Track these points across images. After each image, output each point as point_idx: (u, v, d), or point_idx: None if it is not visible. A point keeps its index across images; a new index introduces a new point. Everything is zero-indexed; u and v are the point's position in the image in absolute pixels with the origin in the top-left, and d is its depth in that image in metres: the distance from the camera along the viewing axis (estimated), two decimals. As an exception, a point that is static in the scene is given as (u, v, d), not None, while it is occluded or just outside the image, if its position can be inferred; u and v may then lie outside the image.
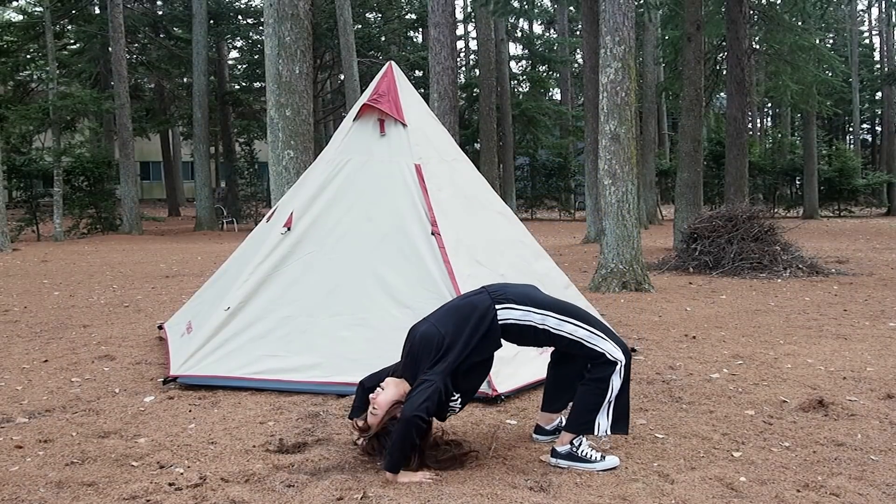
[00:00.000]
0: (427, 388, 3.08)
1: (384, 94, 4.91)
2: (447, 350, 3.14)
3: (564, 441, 3.29)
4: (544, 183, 31.22)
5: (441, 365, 3.12)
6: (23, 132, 21.10)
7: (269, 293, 4.65)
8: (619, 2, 8.63)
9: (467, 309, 3.25)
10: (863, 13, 41.36)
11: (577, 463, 3.24)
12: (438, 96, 11.71)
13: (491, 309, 3.23)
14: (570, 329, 3.26)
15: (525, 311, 3.25)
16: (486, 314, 3.22)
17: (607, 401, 3.24)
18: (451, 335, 3.17)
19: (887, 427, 3.78)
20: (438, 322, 3.24)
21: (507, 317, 3.24)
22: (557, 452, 3.29)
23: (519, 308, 3.26)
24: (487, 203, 5.23)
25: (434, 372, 3.11)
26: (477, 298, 3.30)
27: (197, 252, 15.10)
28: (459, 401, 3.27)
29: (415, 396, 3.08)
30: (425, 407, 3.04)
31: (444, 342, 3.15)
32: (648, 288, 8.79)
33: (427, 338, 3.19)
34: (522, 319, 3.25)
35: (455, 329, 3.19)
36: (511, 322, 3.24)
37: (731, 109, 15.24)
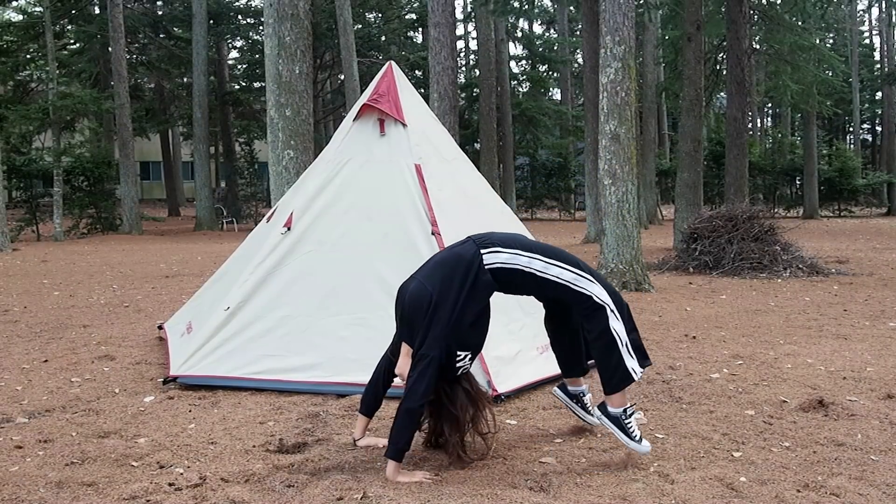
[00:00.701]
0: (421, 367, 3.05)
1: (384, 94, 4.91)
2: (437, 307, 3.08)
3: (614, 403, 3.26)
4: (544, 183, 31.23)
5: (434, 329, 3.07)
6: (23, 132, 21.10)
7: (269, 293, 4.65)
8: (619, 2, 8.64)
9: (453, 260, 3.18)
10: (863, 13, 41.37)
11: (619, 432, 3.25)
12: (438, 96, 11.71)
13: (476, 255, 3.16)
14: (557, 272, 3.20)
15: (512, 254, 3.19)
16: (472, 262, 3.14)
17: (622, 345, 3.21)
18: (438, 291, 3.10)
19: (887, 427, 3.78)
20: (426, 278, 3.17)
21: (493, 260, 3.17)
22: (608, 411, 3.27)
23: (505, 251, 3.19)
24: (488, 203, 5.24)
25: (428, 341, 3.06)
26: (462, 248, 3.23)
27: (197, 252, 15.11)
28: (468, 357, 3.20)
29: (411, 382, 3.07)
30: (423, 392, 3.04)
31: (433, 299, 3.09)
32: (648, 288, 8.79)
33: (416, 297, 3.13)
34: (510, 262, 3.18)
35: (442, 284, 3.11)
36: (498, 266, 3.17)
37: (731, 109, 15.24)
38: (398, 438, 3.07)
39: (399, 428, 3.07)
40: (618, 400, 3.28)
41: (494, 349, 4.31)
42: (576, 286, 3.21)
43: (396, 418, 3.09)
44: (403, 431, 3.07)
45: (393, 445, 3.07)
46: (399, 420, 3.08)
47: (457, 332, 3.12)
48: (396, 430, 3.07)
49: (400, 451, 3.08)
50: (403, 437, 3.08)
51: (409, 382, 3.09)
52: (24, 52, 23.52)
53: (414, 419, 3.08)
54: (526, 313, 4.70)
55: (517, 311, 4.69)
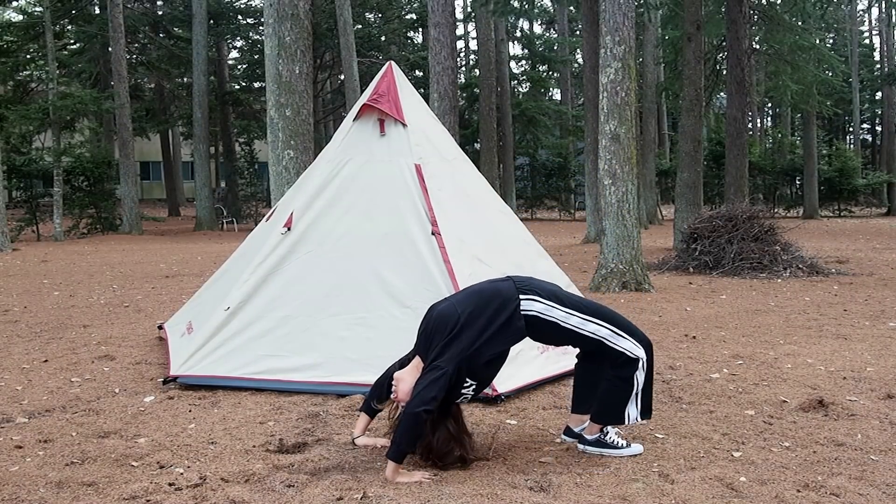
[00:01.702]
0: (434, 375, 3.06)
1: (384, 94, 4.91)
2: (461, 331, 3.09)
3: (593, 431, 3.37)
4: (544, 183, 31.23)
5: (454, 348, 3.08)
6: (23, 132, 21.10)
7: (269, 293, 4.65)
8: (619, 2, 8.63)
9: (490, 294, 3.21)
10: (863, 13, 41.36)
11: (605, 449, 3.34)
12: (438, 96, 11.71)
13: (515, 298, 3.19)
14: (594, 329, 3.25)
15: (549, 307, 3.21)
16: (508, 303, 3.17)
17: (634, 394, 3.30)
18: (467, 316, 3.12)
19: (887, 427, 3.78)
20: (458, 303, 3.20)
21: (530, 308, 3.19)
22: (586, 440, 3.38)
23: (543, 301, 3.22)
24: (488, 203, 5.24)
25: (445, 356, 3.07)
26: (502, 285, 3.25)
27: (197, 252, 15.10)
28: (473, 388, 3.22)
29: (422, 387, 3.07)
30: (432, 398, 3.04)
31: (460, 322, 3.10)
32: (648, 288, 8.79)
33: (444, 316, 3.15)
34: (545, 314, 3.21)
35: (473, 311, 3.13)
36: (534, 314, 3.20)
37: (731, 109, 15.24)
38: (402, 441, 3.06)
39: (404, 431, 3.06)
40: (596, 429, 3.39)
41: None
42: (610, 342, 3.27)
43: (402, 421, 3.08)
44: (408, 434, 3.06)
45: (396, 447, 3.07)
46: (405, 423, 3.06)
47: (473, 363, 3.14)
48: (401, 433, 3.06)
49: (402, 453, 3.07)
50: (407, 439, 3.07)
51: (419, 387, 3.09)
52: (24, 52, 23.52)
53: (420, 423, 3.07)
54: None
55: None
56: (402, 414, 3.11)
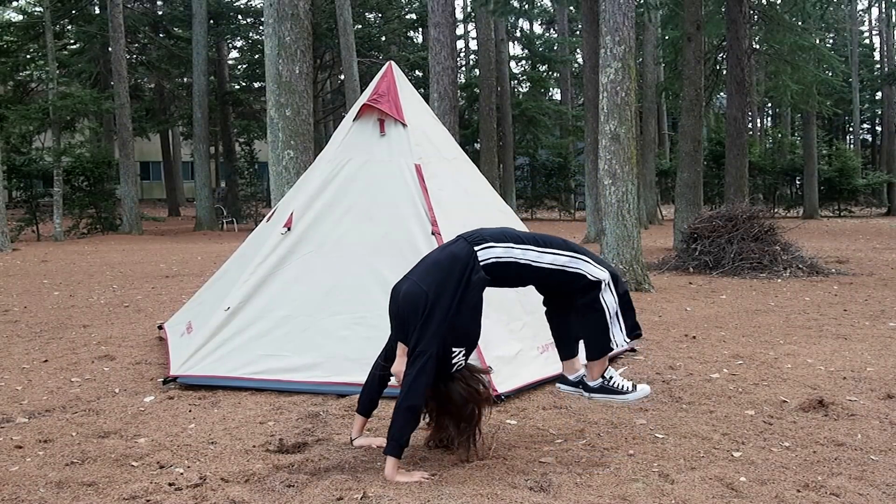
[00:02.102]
0: (420, 364, 3.05)
1: (384, 93, 4.91)
2: (433, 307, 3.07)
3: (594, 374, 3.32)
4: (544, 183, 31.22)
5: (431, 326, 3.06)
6: (23, 132, 21.09)
7: (269, 293, 4.65)
8: (619, 2, 8.63)
9: (447, 260, 3.18)
10: (863, 13, 41.36)
11: (610, 395, 3.29)
12: (438, 96, 11.70)
13: (471, 253, 3.17)
14: (550, 259, 3.22)
15: (506, 248, 3.20)
16: (467, 261, 3.15)
17: (610, 317, 3.24)
18: (434, 291, 3.10)
19: (887, 427, 3.78)
20: (420, 279, 3.17)
21: (487, 256, 3.18)
22: (590, 388, 3.32)
23: (498, 245, 3.20)
24: (488, 202, 5.24)
25: (426, 338, 3.06)
26: (455, 247, 3.23)
27: (197, 252, 15.11)
28: (462, 353, 3.22)
29: (410, 379, 3.07)
30: (419, 390, 3.05)
31: (429, 299, 3.08)
32: (648, 288, 8.79)
33: (411, 297, 3.13)
34: (504, 256, 3.19)
35: (438, 284, 3.11)
36: (493, 260, 3.18)
37: (731, 109, 15.24)
38: (399, 435, 3.07)
39: (399, 426, 3.07)
40: (596, 370, 3.32)
41: (495, 349, 4.31)
42: (570, 268, 3.23)
43: (396, 416, 3.09)
44: (404, 429, 3.08)
45: (393, 442, 3.08)
46: (399, 417, 3.07)
47: (452, 330, 3.13)
48: (397, 428, 3.07)
49: (400, 447, 3.08)
50: (404, 434, 3.08)
51: (408, 379, 3.08)
52: (24, 52, 23.53)
53: (415, 416, 3.09)
54: (527, 312, 4.69)
55: (518, 310, 4.68)
56: (395, 409, 3.10)
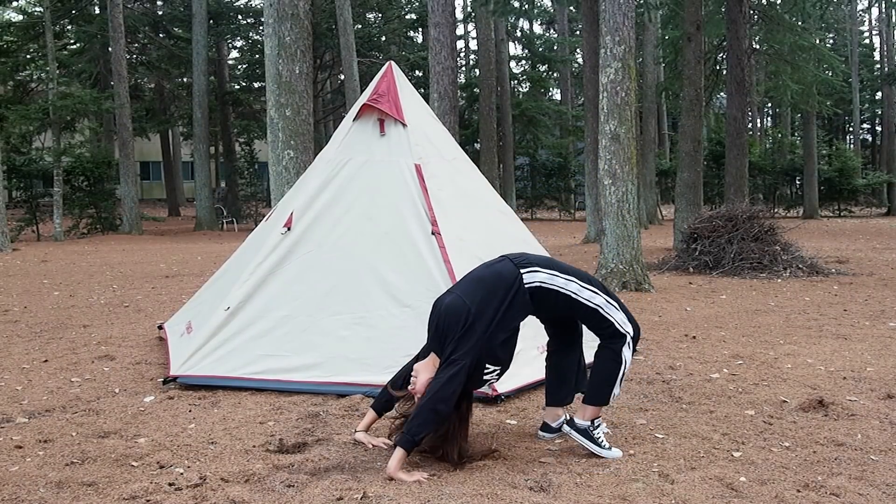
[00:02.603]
0: (452, 371, 3.07)
1: (384, 93, 4.91)
2: (474, 322, 3.11)
3: (586, 416, 3.36)
4: (544, 183, 31.22)
5: (469, 340, 3.09)
6: (23, 132, 21.09)
7: (269, 293, 4.65)
8: (619, 2, 8.63)
9: (492, 278, 3.23)
10: (863, 13, 41.36)
11: (589, 442, 3.34)
12: (438, 96, 11.71)
13: (517, 275, 3.22)
14: (590, 296, 3.30)
15: (550, 275, 3.27)
16: (513, 282, 3.21)
17: (621, 372, 3.33)
18: (477, 306, 3.14)
19: (887, 427, 3.78)
20: (464, 293, 3.21)
21: (533, 280, 3.24)
22: (576, 425, 3.36)
23: (543, 271, 3.27)
24: (488, 203, 5.23)
25: (462, 350, 3.09)
26: (501, 266, 3.28)
27: (197, 252, 15.11)
28: (497, 372, 3.26)
29: (438, 383, 3.08)
30: (448, 394, 3.06)
31: (471, 313, 3.12)
32: (648, 288, 8.79)
33: (453, 310, 3.16)
34: (548, 283, 3.25)
35: (482, 300, 3.16)
36: (537, 285, 3.24)
37: (731, 109, 15.24)
38: (416, 431, 3.07)
39: (419, 423, 3.07)
40: (589, 413, 3.38)
41: (494, 349, 4.31)
42: (604, 311, 3.32)
43: (419, 413, 3.08)
44: (422, 427, 3.07)
45: (408, 436, 3.07)
46: (422, 415, 3.07)
47: (489, 348, 3.16)
48: (416, 424, 3.07)
49: (413, 443, 3.08)
50: (421, 432, 3.07)
51: (438, 383, 3.09)
52: (24, 52, 23.53)
53: (438, 419, 3.08)
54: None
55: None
56: (418, 406, 3.11)
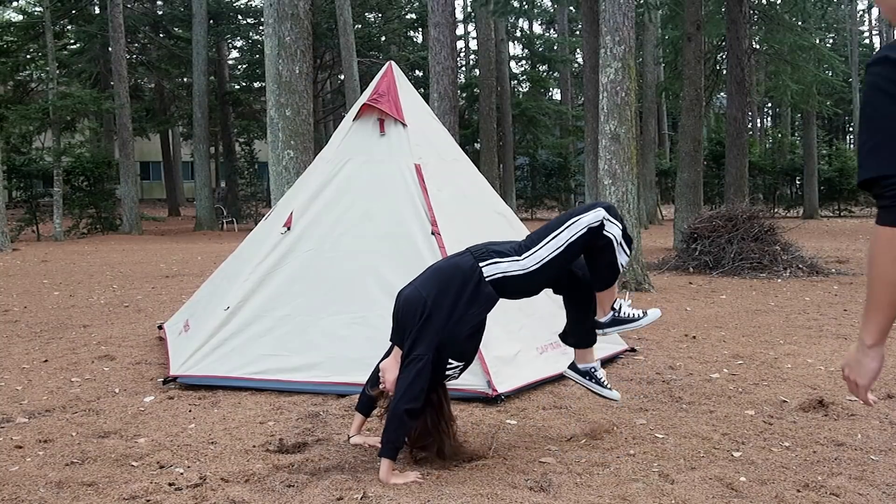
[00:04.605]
0: (416, 368, 3.05)
1: (384, 93, 4.91)
2: (430, 314, 3.08)
3: (605, 308, 3.32)
4: (544, 183, 31.21)
5: (427, 332, 3.07)
6: (23, 132, 21.10)
7: (269, 292, 4.65)
8: (619, 2, 8.63)
9: (450, 270, 3.19)
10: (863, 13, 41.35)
11: (623, 326, 3.29)
12: (438, 96, 11.70)
13: (474, 267, 3.16)
14: (551, 245, 3.14)
15: (511, 262, 3.16)
16: (470, 275, 3.14)
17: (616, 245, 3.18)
18: (433, 297, 3.10)
19: (887, 427, 3.78)
20: (422, 285, 3.18)
21: (494, 272, 3.15)
22: (602, 324, 3.33)
23: (502, 261, 3.16)
24: (487, 203, 5.23)
25: (422, 344, 3.07)
26: (460, 259, 3.23)
27: (197, 252, 15.11)
28: (460, 368, 3.23)
29: (405, 383, 3.07)
30: (416, 392, 3.04)
31: (427, 305, 3.09)
32: (648, 288, 8.79)
33: (410, 301, 3.15)
34: (510, 271, 3.15)
35: (438, 292, 3.12)
36: (500, 276, 3.15)
37: (731, 109, 15.24)
38: (394, 437, 3.07)
39: (394, 427, 3.07)
40: (606, 302, 3.33)
41: (494, 349, 4.31)
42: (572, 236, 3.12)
43: (391, 419, 3.08)
44: (399, 431, 3.07)
45: (389, 444, 3.07)
46: (395, 420, 3.07)
47: (453, 342, 3.13)
48: (392, 430, 3.07)
49: (395, 449, 3.08)
50: (399, 436, 3.08)
51: (403, 383, 3.08)
52: (24, 52, 23.52)
53: (412, 418, 3.09)
54: (525, 314, 4.69)
55: (516, 312, 4.68)
56: (389, 412, 3.11)
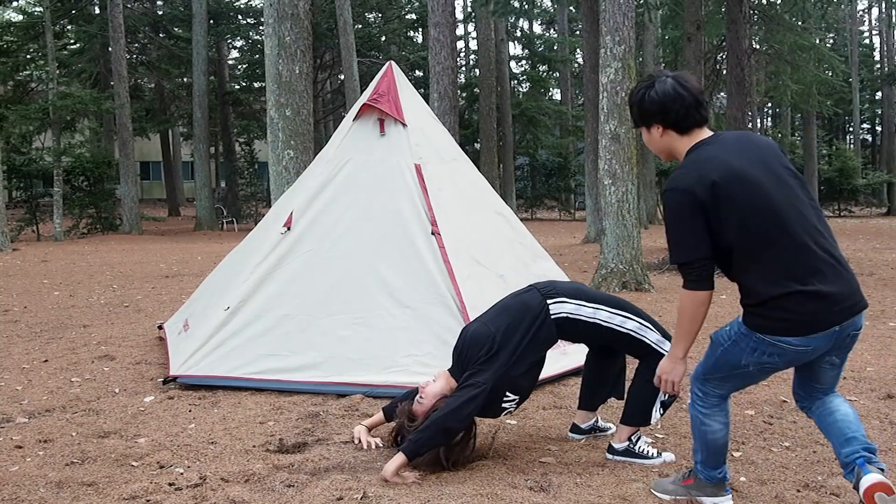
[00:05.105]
0: (470, 392, 3.07)
1: (384, 93, 4.91)
2: (499, 349, 3.12)
3: (623, 437, 3.33)
4: (544, 183, 31.23)
5: (492, 364, 3.10)
6: (23, 132, 21.10)
7: (269, 292, 4.65)
8: (619, 2, 8.64)
9: (519, 307, 3.23)
10: (863, 13, 41.37)
11: (635, 459, 3.29)
12: (438, 96, 11.71)
13: (543, 305, 3.21)
14: (620, 321, 3.26)
15: (577, 305, 3.23)
16: (539, 312, 3.19)
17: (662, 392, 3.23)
18: (502, 333, 3.14)
19: (887, 427, 3.78)
20: (490, 321, 3.23)
21: (559, 311, 3.21)
22: (615, 449, 3.33)
23: (570, 301, 3.24)
24: (487, 203, 5.24)
25: (483, 374, 3.09)
26: (528, 296, 3.28)
27: (197, 252, 15.11)
28: (516, 401, 3.26)
29: (455, 401, 3.08)
30: (463, 415, 3.05)
31: (496, 340, 3.13)
32: (649, 288, 8.79)
33: (477, 336, 3.18)
34: (574, 313, 3.22)
35: (507, 327, 3.16)
36: (563, 315, 3.22)
37: (731, 109, 15.23)
38: (422, 444, 3.05)
39: (428, 437, 3.05)
40: (625, 433, 3.34)
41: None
42: (638, 334, 3.27)
43: (429, 427, 3.07)
44: (431, 441, 3.06)
45: (414, 446, 3.05)
46: (431, 430, 3.06)
47: (510, 377, 3.15)
48: (425, 438, 3.05)
49: (417, 453, 3.07)
50: (427, 445, 3.06)
51: (455, 401, 3.08)
52: (24, 52, 23.52)
53: (447, 436, 3.07)
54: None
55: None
56: (432, 418, 3.09)
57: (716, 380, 2.74)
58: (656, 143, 2.75)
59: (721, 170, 2.52)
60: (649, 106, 2.69)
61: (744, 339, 2.61)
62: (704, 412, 2.77)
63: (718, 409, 2.77)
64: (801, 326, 2.49)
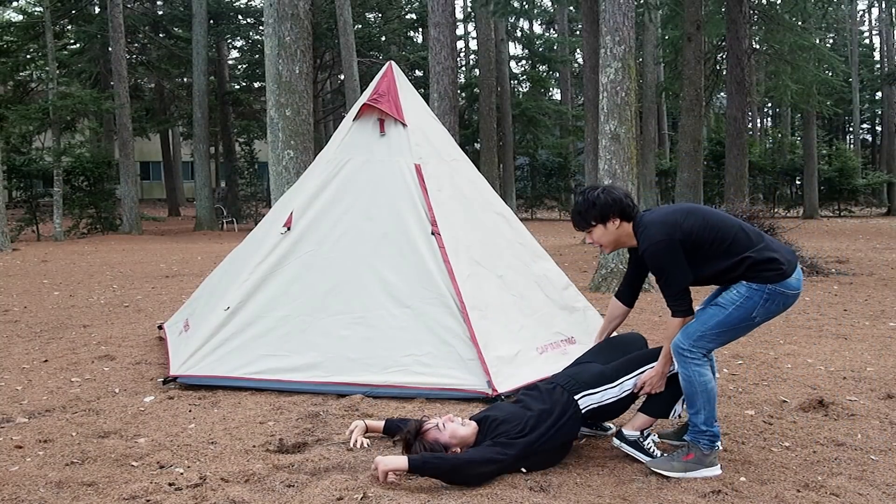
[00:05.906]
0: (497, 455, 3.10)
1: (384, 93, 4.91)
2: (530, 431, 3.20)
3: (636, 426, 3.37)
4: (544, 183, 31.23)
5: (520, 443, 3.15)
6: (23, 132, 21.09)
7: (269, 292, 4.65)
8: (619, 2, 8.64)
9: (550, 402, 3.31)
10: (863, 13, 41.38)
11: (639, 453, 3.33)
12: (438, 96, 11.71)
13: (570, 402, 3.31)
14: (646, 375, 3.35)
15: (601, 392, 3.33)
16: (567, 408, 3.29)
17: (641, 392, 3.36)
18: (534, 419, 3.24)
19: (887, 427, 3.78)
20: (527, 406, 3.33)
21: (587, 403, 3.33)
22: (625, 437, 3.37)
23: (594, 392, 3.33)
24: (487, 203, 5.23)
25: (513, 448, 3.14)
26: (557, 395, 3.35)
27: (197, 252, 15.11)
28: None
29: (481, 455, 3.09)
30: (479, 471, 3.05)
31: (530, 423, 3.22)
32: (648, 288, 8.79)
33: (515, 415, 3.28)
34: (601, 401, 3.33)
35: (539, 415, 3.25)
36: (594, 406, 3.33)
37: (731, 109, 15.25)
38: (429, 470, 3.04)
39: (436, 467, 3.04)
40: (640, 422, 3.37)
41: (495, 349, 4.31)
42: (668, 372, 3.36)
43: (446, 460, 3.06)
44: (437, 471, 3.04)
45: (421, 461, 3.04)
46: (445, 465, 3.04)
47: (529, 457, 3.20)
48: (434, 466, 3.04)
49: (419, 470, 3.04)
50: (432, 473, 3.04)
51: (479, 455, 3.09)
52: (24, 52, 23.50)
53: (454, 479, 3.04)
54: (524, 315, 4.70)
55: (516, 313, 4.68)
56: (455, 456, 3.10)
57: (711, 336, 3.18)
58: (612, 234, 3.30)
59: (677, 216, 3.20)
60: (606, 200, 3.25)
61: (756, 293, 3.14)
62: (698, 366, 3.18)
63: (705, 362, 3.22)
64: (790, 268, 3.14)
